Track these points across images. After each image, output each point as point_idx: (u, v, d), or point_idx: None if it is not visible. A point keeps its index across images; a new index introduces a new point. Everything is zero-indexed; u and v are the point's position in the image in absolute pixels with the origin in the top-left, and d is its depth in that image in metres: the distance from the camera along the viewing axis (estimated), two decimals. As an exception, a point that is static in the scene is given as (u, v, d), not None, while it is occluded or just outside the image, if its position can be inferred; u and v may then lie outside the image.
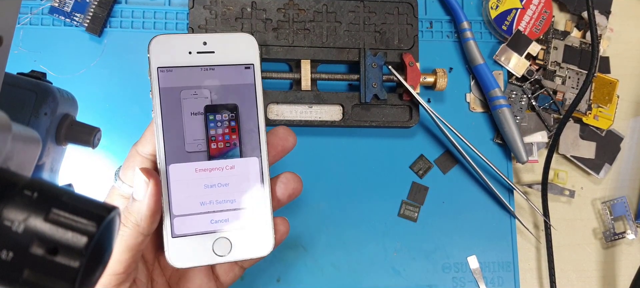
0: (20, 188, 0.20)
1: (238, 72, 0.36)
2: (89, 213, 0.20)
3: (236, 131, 0.36)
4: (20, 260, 0.19)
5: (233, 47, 0.36)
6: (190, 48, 0.35)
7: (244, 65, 0.36)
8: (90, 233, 0.20)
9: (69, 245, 0.19)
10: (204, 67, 0.35)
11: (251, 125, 0.36)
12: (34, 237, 0.19)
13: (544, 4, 0.58)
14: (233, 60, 0.36)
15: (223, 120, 0.36)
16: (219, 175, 0.36)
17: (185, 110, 0.35)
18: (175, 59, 0.35)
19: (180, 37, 0.36)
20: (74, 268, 0.19)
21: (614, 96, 0.60)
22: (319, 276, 0.53)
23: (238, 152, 0.36)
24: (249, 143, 0.36)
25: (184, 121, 0.35)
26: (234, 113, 0.36)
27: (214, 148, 0.36)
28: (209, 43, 0.36)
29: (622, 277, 0.58)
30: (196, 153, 0.36)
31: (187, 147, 0.35)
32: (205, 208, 0.36)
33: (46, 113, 0.33)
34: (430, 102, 0.57)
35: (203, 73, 0.35)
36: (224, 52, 0.36)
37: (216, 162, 0.36)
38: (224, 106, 0.36)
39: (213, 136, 0.36)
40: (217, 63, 0.36)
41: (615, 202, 0.59)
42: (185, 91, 0.35)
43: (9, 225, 0.19)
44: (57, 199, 0.20)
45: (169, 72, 0.35)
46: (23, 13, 0.53)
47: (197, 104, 0.35)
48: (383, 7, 0.55)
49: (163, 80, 0.35)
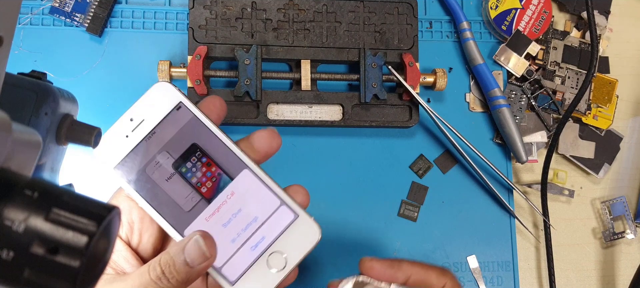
0: (21, 188, 0.20)
1: (175, 118, 0.36)
2: (89, 213, 0.20)
3: (212, 163, 0.36)
4: (20, 259, 0.19)
5: (156, 102, 0.36)
6: (124, 132, 0.36)
7: (174, 109, 0.36)
8: (90, 232, 0.20)
9: (69, 244, 0.19)
10: (146, 137, 0.36)
11: (220, 149, 0.36)
12: (34, 237, 0.19)
13: (544, 4, 0.58)
14: (163, 113, 0.36)
15: (195, 164, 0.36)
16: (228, 208, 0.36)
17: (159, 182, 0.36)
18: (119, 152, 0.36)
19: (110, 132, 0.36)
20: (74, 267, 0.19)
21: (614, 96, 0.60)
22: (319, 276, 0.53)
23: (227, 178, 0.36)
24: (229, 163, 0.36)
25: (166, 190, 0.36)
26: (198, 151, 0.36)
27: (205, 191, 0.36)
28: (134, 115, 0.36)
29: (622, 276, 0.58)
30: (195, 207, 0.36)
31: (184, 207, 0.36)
32: (239, 242, 0.36)
33: (46, 113, 0.33)
34: (430, 102, 0.57)
35: (149, 143, 0.36)
36: (151, 112, 0.36)
37: (217, 201, 0.36)
38: (186, 153, 0.36)
39: (197, 182, 0.36)
40: (152, 127, 0.36)
41: (615, 201, 0.59)
42: (148, 168, 0.36)
43: (10, 224, 0.19)
44: (58, 199, 0.20)
45: (123, 165, 0.36)
46: (23, 13, 0.53)
47: (164, 169, 0.36)
48: (383, 7, 0.55)
49: (124, 174, 0.36)
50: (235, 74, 0.52)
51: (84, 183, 0.50)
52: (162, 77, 0.51)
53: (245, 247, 0.36)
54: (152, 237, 0.38)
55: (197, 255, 0.33)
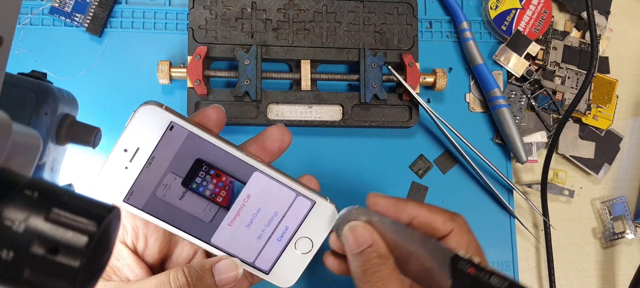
0: (21, 188, 0.20)
1: (170, 138, 0.35)
2: (89, 212, 0.20)
3: (221, 174, 0.36)
4: (20, 259, 0.19)
5: (145, 127, 0.35)
6: (122, 164, 0.35)
7: (167, 130, 0.35)
8: (90, 232, 0.20)
9: (69, 244, 0.19)
10: (146, 164, 0.35)
11: (226, 157, 0.36)
12: (34, 237, 0.19)
13: (543, 4, 0.58)
14: (157, 136, 0.35)
15: (204, 177, 0.36)
16: (247, 210, 0.36)
17: (174, 205, 0.36)
18: (124, 185, 0.35)
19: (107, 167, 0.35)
20: (74, 268, 0.19)
21: (613, 96, 0.60)
22: (319, 276, 0.53)
23: (239, 184, 0.36)
24: (238, 170, 0.36)
25: (184, 210, 0.36)
26: (204, 165, 0.36)
27: (221, 200, 0.36)
28: (129, 146, 0.35)
29: (622, 276, 0.58)
30: (216, 217, 0.36)
31: (204, 219, 0.36)
32: (265, 237, 0.37)
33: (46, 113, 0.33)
34: (430, 102, 0.57)
35: (150, 169, 0.35)
36: (144, 138, 0.35)
37: (235, 206, 0.36)
38: (192, 170, 0.36)
39: (211, 194, 0.36)
40: (150, 152, 0.35)
41: (615, 201, 0.59)
42: (159, 191, 0.35)
43: (10, 224, 0.19)
44: (58, 199, 0.20)
45: (132, 195, 0.35)
46: (23, 13, 0.53)
47: (174, 189, 0.36)
48: (383, 7, 0.55)
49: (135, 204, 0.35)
50: (235, 74, 0.52)
51: (84, 183, 0.50)
52: (162, 77, 0.51)
53: (272, 239, 0.37)
54: (159, 241, 0.38)
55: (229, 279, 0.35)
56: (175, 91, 0.54)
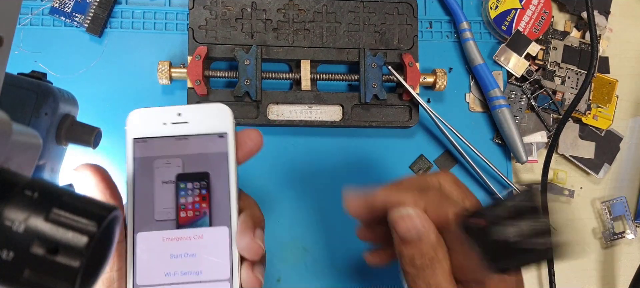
0: (21, 188, 0.20)
1: (211, 141, 0.35)
2: (89, 213, 0.20)
3: (206, 199, 0.35)
4: (20, 259, 0.19)
5: (207, 117, 0.36)
6: (165, 119, 0.35)
7: (217, 134, 0.35)
8: (90, 233, 0.20)
9: (69, 244, 0.19)
10: (177, 136, 0.35)
11: (222, 194, 0.35)
12: (34, 237, 0.19)
13: (544, 4, 0.58)
14: (207, 130, 0.35)
15: (193, 189, 0.35)
16: (187, 244, 0.35)
17: (156, 179, 0.35)
18: (150, 130, 0.35)
19: (157, 110, 0.36)
20: (74, 267, 0.19)
21: (613, 96, 0.60)
22: (319, 276, 0.53)
23: (207, 220, 0.35)
24: (219, 212, 0.35)
25: (155, 189, 0.35)
26: (205, 181, 0.35)
27: (183, 216, 0.35)
28: (184, 114, 0.35)
29: (622, 276, 0.58)
30: (165, 221, 0.35)
31: (156, 215, 0.35)
32: (170, 280, 0.34)
33: (46, 113, 0.33)
34: (430, 102, 0.57)
35: (176, 142, 0.35)
36: (198, 122, 0.35)
37: (184, 231, 0.35)
38: (194, 174, 0.35)
39: (183, 204, 0.35)
40: (190, 133, 0.35)
41: (615, 201, 0.59)
42: (158, 160, 0.35)
43: (10, 225, 0.19)
44: (58, 199, 0.20)
45: (144, 142, 0.35)
46: (23, 13, 0.53)
47: (168, 172, 0.35)
48: (383, 8, 0.55)
49: (138, 150, 0.35)
50: (235, 74, 0.52)
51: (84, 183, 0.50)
52: (162, 78, 0.51)
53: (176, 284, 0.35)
54: None
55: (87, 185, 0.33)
56: (175, 91, 0.54)
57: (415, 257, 0.34)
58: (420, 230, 0.33)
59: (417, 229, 0.33)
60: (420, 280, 0.34)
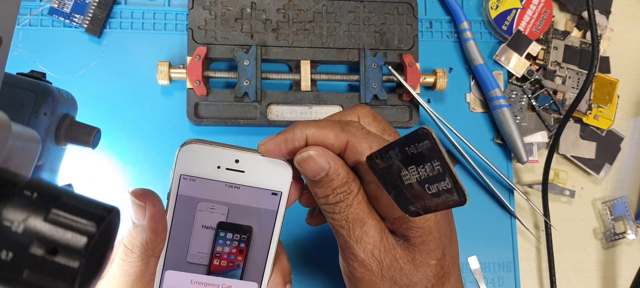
0: (20, 189, 0.20)
1: (263, 195, 0.34)
2: (88, 213, 0.20)
3: (243, 253, 0.34)
4: (19, 260, 0.19)
5: (266, 171, 0.33)
6: (220, 162, 0.33)
7: (271, 191, 0.34)
8: (90, 233, 0.20)
9: (68, 245, 0.19)
10: (229, 184, 0.33)
11: (261, 251, 0.34)
12: (33, 237, 0.19)
13: (544, 3, 0.58)
14: (262, 184, 0.33)
15: (233, 240, 0.34)
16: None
17: (197, 222, 0.34)
18: (202, 171, 0.33)
19: (214, 150, 0.33)
20: (73, 268, 0.19)
21: (614, 96, 0.60)
22: (319, 277, 0.53)
23: (239, 273, 0.35)
24: (253, 267, 0.35)
25: (193, 232, 0.34)
26: (246, 235, 0.34)
27: (216, 264, 0.34)
28: (242, 161, 0.33)
29: (623, 277, 0.58)
30: (196, 265, 0.34)
31: (189, 257, 0.34)
32: None
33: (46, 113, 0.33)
34: (430, 102, 0.57)
35: (226, 189, 0.33)
36: (254, 173, 0.33)
37: (213, 278, 0.34)
38: (238, 226, 0.34)
39: (218, 253, 0.34)
40: (244, 183, 0.33)
41: (616, 202, 0.59)
42: (203, 203, 0.33)
43: (9, 225, 0.19)
44: (57, 199, 0.20)
45: (192, 181, 0.33)
46: (22, 14, 0.53)
47: (211, 218, 0.34)
48: (383, 8, 0.55)
49: (183, 188, 0.33)
50: (234, 75, 0.52)
51: (84, 183, 0.50)
52: (161, 78, 0.51)
53: None
54: None
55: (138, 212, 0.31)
56: (174, 92, 0.54)
57: (328, 195, 0.33)
58: (327, 168, 0.32)
59: (323, 168, 0.32)
60: (338, 215, 0.33)
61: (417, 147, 0.26)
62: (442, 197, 0.26)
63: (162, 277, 0.34)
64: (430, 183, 0.26)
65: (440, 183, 0.26)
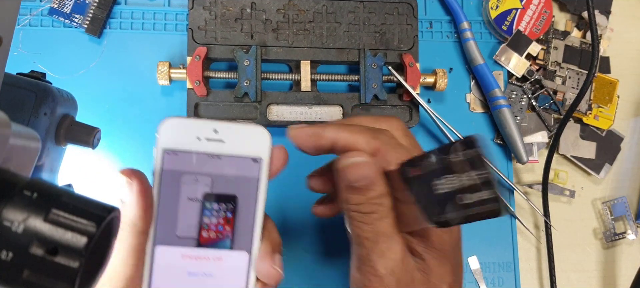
0: (20, 189, 0.20)
1: (245, 164, 0.34)
2: (88, 213, 0.20)
3: (231, 223, 0.35)
4: (20, 260, 0.19)
5: (245, 138, 0.34)
6: (199, 134, 0.34)
7: (252, 158, 0.34)
8: (90, 233, 0.20)
9: (68, 245, 0.19)
10: (210, 154, 0.34)
11: (247, 219, 0.35)
12: (33, 237, 0.19)
13: (544, 3, 0.58)
14: (242, 152, 0.34)
15: (219, 210, 0.34)
16: (205, 264, 0.35)
17: (182, 195, 0.34)
18: (183, 144, 0.34)
19: (193, 122, 0.34)
20: (73, 268, 0.19)
21: (614, 96, 0.60)
22: (319, 277, 0.53)
23: (229, 243, 0.35)
24: (242, 236, 0.35)
25: (179, 205, 0.34)
26: (231, 204, 0.34)
27: (204, 236, 0.34)
28: (220, 131, 0.34)
29: (623, 277, 0.58)
30: (186, 238, 0.34)
31: (178, 231, 0.34)
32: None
33: (46, 113, 0.33)
34: (430, 102, 0.57)
35: (208, 160, 0.34)
36: (234, 142, 0.34)
37: (204, 251, 0.34)
38: (222, 196, 0.34)
39: (206, 224, 0.34)
40: (224, 152, 0.34)
41: (616, 202, 0.59)
42: (186, 175, 0.34)
43: (9, 225, 0.19)
44: (57, 199, 0.20)
45: (174, 155, 0.34)
46: (22, 14, 0.53)
47: (196, 189, 0.34)
48: (383, 8, 0.55)
49: (167, 162, 0.34)
50: (235, 75, 0.52)
51: (84, 183, 0.50)
52: (161, 78, 0.51)
53: None
54: None
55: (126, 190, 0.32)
56: (174, 92, 0.54)
57: (362, 204, 0.33)
58: (370, 178, 0.32)
59: (366, 178, 0.32)
60: (366, 227, 0.33)
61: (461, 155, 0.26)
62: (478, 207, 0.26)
63: (153, 253, 0.34)
64: (468, 192, 0.26)
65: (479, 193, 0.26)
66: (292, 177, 0.55)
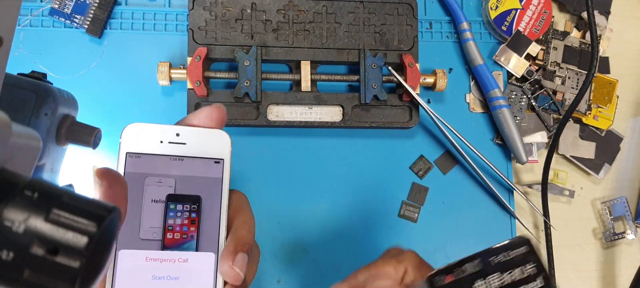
0: (21, 189, 0.20)
1: (206, 165, 0.35)
2: (89, 213, 0.20)
3: (195, 223, 0.34)
4: (20, 260, 0.19)
5: (206, 141, 0.35)
6: (162, 137, 0.35)
7: (214, 159, 0.35)
8: (90, 233, 0.20)
9: (69, 245, 0.19)
10: (172, 157, 0.34)
11: (212, 219, 0.35)
12: (34, 237, 0.19)
13: (544, 4, 0.58)
14: (203, 154, 0.35)
15: (183, 211, 0.34)
16: (170, 267, 0.34)
17: (146, 197, 0.34)
18: (145, 146, 0.34)
19: (155, 127, 0.35)
20: (74, 268, 0.19)
21: (614, 96, 0.60)
22: (319, 277, 0.53)
23: (194, 245, 0.34)
24: (207, 237, 0.34)
25: (143, 207, 0.34)
26: (195, 205, 0.35)
27: (169, 238, 0.34)
28: (182, 134, 0.35)
29: (622, 277, 0.58)
30: (150, 241, 0.34)
31: (141, 234, 0.34)
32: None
33: (46, 113, 0.33)
34: (430, 102, 0.57)
35: (171, 162, 0.34)
36: (195, 144, 0.35)
37: (169, 253, 0.34)
38: (186, 197, 0.34)
39: (170, 226, 0.34)
40: (186, 154, 0.35)
41: (615, 202, 0.59)
42: (150, 178, 0.34)
43: (10, 225, 0.19)
44: (58, 199, 0.20)
45: (137, 157, 0.34)
46: (23, 14, 0.53)
47: (159, 191, 0.34)
48: (383, 8, 0.55)
49: (130, 165, 0.34)
50: (235, 75, 0.52)
51: (84, 183, 0.50)
52: (162, 79, 0.51)
53: None
54: None
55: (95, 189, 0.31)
56: (175, 92, 0.54)
57: None
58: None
59: None
60: None
61: (509, 254, 0.29)
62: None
63: (115, 257, 0.33)
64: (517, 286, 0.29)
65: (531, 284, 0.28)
66: (298, 182, 0.55)
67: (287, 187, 0.54)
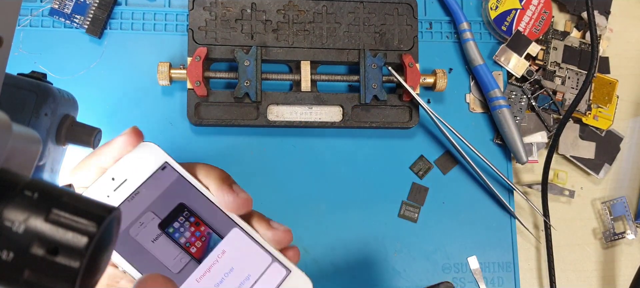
0: (21, 189, 0.20)
1: (160, 177, 0.34)
2: (89, 213, 0.20)
3: (200, 223, 0.34)
4: (20, 260, 0.19)
5: (140, 162, 0.34)
6: (105, 193, 0.34)
7: (159, 169, 0.34)
8: (90, 233, 0.20)
9: (69, 245, 0.19)
10: (129, 198, 0.34)
11: (207, 208, 0.35)
12: (34, 238, 0.19)
13: (544, 4, 0.58)
14: (147, 173, 0.34)
15: (183, 223, 0.34)
16: (219, 267, 0.34)
17: (144, 243, 0.34)
18: None
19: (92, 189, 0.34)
20: (74, 268, 0.19)
21: (614, 96, 0.60)
22: (319, 277, 0.53)
23: (217, 237, 0.34)
24: (218, 222, 0.35)
25: (152, 252, 0.34)
26: (185, 210, 0.34)
27: (194, 251, 0.34)
28: (117, 175, 0.34)
29: (622, 277, 0.58)
30: (185, 268, 0.34)
31: (173, 269, 0.34)
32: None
33: (46, 114, 0.33)
34: (430, 102, 0.57)
35: (132, 203, 0.34)
36: (135, 172, 0.34)
37: (208, 260, 0.34)
38: (172, 213, 0.34)
39: (186, 242, 0.34)
40: (136, 186, 0.34)
41: (615, 202, 0.59)
42: (132, 228, 0.34)
43: (10, 225, 0.19)
44: (58, 200, 0.20)
45: None
46: (23, 15, 0.53)
47: (150, 229, 0.34)
48: (383, 8, 0.55)
49: None
50: (235, 76, 0.52)
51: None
52: (162, 79, 0.51)
53: None
54: None
55: None
56: (175, 92, 0.54)
57: None
58: None
59: None
60: None
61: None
62: None
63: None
64: None
65: None
66: (298, 182, 0.55)
67: (287, 187, 0.54)
